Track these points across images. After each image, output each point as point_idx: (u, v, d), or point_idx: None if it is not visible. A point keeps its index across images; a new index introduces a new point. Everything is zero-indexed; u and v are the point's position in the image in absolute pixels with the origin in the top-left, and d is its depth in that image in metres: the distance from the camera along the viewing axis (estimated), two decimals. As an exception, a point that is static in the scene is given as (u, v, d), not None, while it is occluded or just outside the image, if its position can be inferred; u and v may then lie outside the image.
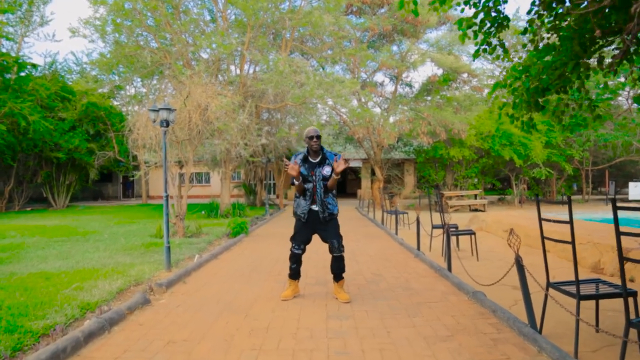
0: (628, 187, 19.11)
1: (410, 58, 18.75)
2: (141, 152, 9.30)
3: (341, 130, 20.36)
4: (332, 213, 4.27)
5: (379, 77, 41.48)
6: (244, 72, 14.85)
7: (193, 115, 8.86)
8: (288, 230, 8.07)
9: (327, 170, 4.19)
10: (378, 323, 3.63)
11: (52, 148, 17.62)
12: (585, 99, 3.92)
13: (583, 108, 4.01)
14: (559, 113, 3.93)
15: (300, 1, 15.04)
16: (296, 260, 4.37)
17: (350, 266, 5.70)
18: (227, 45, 12.10)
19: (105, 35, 13.03)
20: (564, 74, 3.34)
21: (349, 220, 13.44)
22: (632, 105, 20.38)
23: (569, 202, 2.88)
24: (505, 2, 3.51)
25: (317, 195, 4.20)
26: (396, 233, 9.08)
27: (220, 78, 14.82)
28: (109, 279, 4.83)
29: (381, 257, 6.81)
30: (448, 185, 19.35)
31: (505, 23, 3.52)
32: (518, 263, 3.36)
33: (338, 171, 4.04)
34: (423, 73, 63.22)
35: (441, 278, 5.27)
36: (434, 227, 7.42)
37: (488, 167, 19.27)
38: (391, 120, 18.33)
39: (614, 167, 23.54)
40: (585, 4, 2.82)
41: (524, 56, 4.08)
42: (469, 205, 17.37)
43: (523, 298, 3.32)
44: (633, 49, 2.91)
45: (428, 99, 19.34)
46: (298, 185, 4.19)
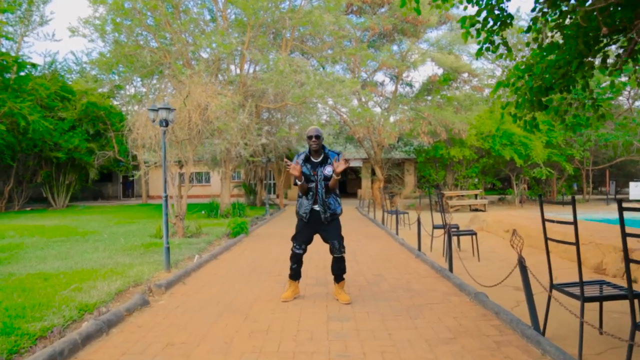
0: (629, 187, 19.07)
1: (410, 57, 18.72)
2: (141, 152, 9.27)
3: (341, 130, 20.32)
4: (335, 212, 4.23)
5: (380, 77, 41.53)
6: (244, 72, 14.82)
7: (193, 114, 8.83)
8: (288, 230, 8.05)
9: (329, 170, 4.14)
10: (379, 325, 3.59)
11: (52, 148, 17.58)
12: (589, 98, 3.88)
13: (586, 107, 3.98)
14: (562, 112, 3.89)
15: (300, 0, 15.00)
16: (297, 260, 4.33)
17: (350, 267, 5.66)
18: (227, 44, 12.07)
19: (104, 34, 13.00)
20: (568, 73, 3.30)
21: (350, 220, 13.41)
22: (633, 104, 20.37)
23: (573, 203, 2.84)
24: (508, 0, 3.47)
25: (319, 195, 4.16)
26: (397, 233, 9.05)
27: (220, 77, 14.79)
28: (108, 280, 4.79)
29: (382, 258, 6.77)
30: (448, 185, 19.32)
31: (508, 21, 3.48)
32: (521, 264, 3.33)
33: (338, 171, 4.00)
34: (423, 73, 63.34)
35: (442, 279, 5.23)
36: (435, 227, 7.38)
37: (488, 167, 19.24)
38: (391, 120, 18.31)
39: (615, 167, 23.52)
40: (591, 1, 2.78)
41: (527, 55, 4.04)
42: (470, 205, 17.34)
43: (526, 300, 3.28)
44: (639, 47, 2.87)
45: (428, 99, 19.31)
46: (301, 185, 4.15)
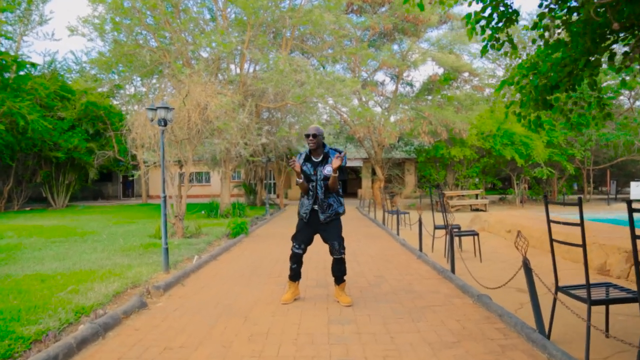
0: (629, 187, 19.01)
1: (411, 57, 18.66)
2: (140, 152, 9.21)
3: (342, 129, 20.26)
4: (337, 212, 4.15)
5: (380, 76, 41.43)
6: (244, 71, 14.75)
7: (192, 114, 8.76)
8: (288, 230, 7.98)
9: (328, 169, 4.06)
10: (381, 328, 3.52)
11: (52, 147, 17.50)
12: (594, 97, 3.82)
13: (592, 106, 3.91)
14: (567, 111, 3.83)
15: (300, -1, 14.95)
16: (297, 260, 4.26)
17: (351, 267, 5.60)
18: (227, 44, 12.00)
19: (104, 34, 12.94)
20: (574, 71, 3.23)
21: (350, 220, 13.34)
22: (634, 104, 20.32)
23: (580, 204, 2.77)
24: (513, -4, 3.41)
25: (318, 195, 4.10)
26: (397, 233, 8.98)
27: (220, 77, 14.72)
28: (106, 282, 4.73)
29: (383, 258, 6.70)
30: (449, 184, 19.26)
31: (514, 17, 3.42)
32: (526, 266, 3.26)
33: (334, 167, 3.94)
34: (424, 72, 63.26)
35: (445, 280, 5.16)
36: (437, 228, 7.31)
37: (489, 167, 19.18)
38: (392, 119, 18.26)
39: (615, 167, 23.45)
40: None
41: (532, 53, 3.97)
42: (470, 205, 17.29)
43: (531, 302, 3.21)
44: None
45: (429, 98, 19.25)
46: (301, 184, 4.09)
